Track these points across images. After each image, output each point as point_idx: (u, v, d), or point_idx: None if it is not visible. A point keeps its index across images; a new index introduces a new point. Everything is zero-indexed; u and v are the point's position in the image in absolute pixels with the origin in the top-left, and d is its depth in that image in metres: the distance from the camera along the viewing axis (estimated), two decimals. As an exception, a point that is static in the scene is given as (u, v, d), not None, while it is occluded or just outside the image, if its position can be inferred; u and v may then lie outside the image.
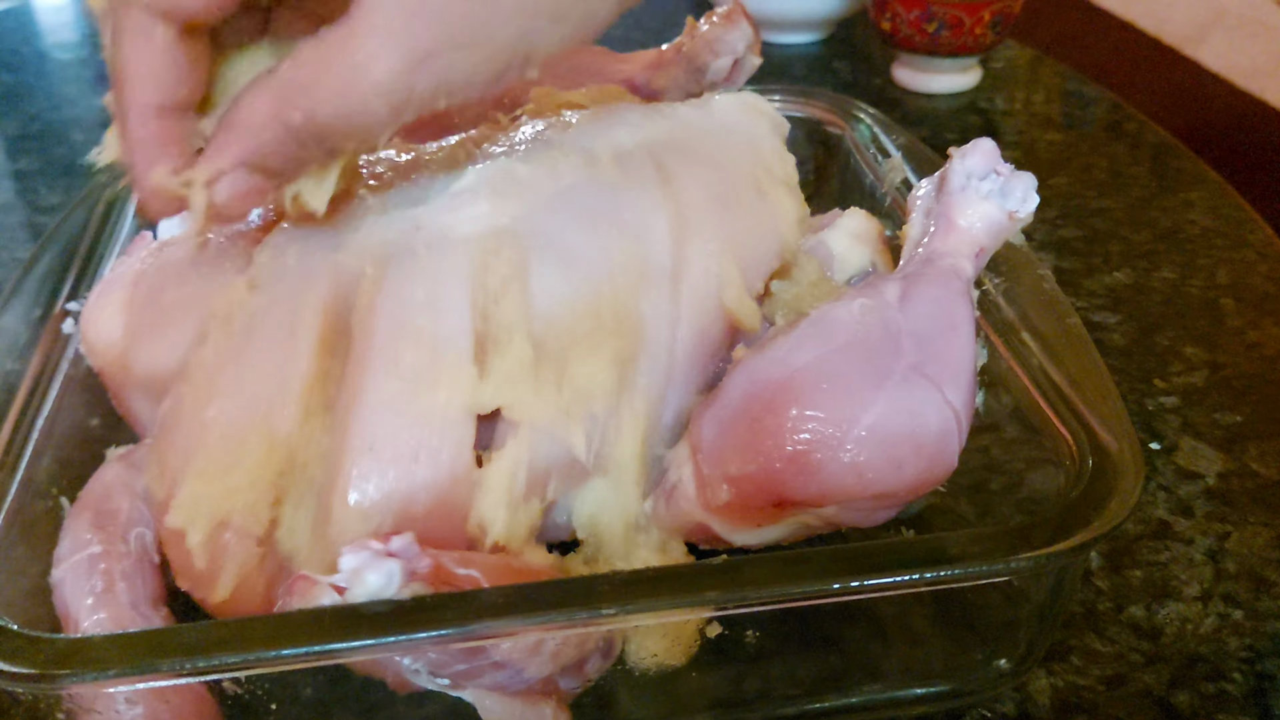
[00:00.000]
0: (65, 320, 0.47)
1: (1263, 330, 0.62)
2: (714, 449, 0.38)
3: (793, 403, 0.36)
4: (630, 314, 0.40)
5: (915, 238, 0.42)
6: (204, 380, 0.39)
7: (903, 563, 0.33)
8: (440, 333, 0.38)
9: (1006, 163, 0.41)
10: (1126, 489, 0.35)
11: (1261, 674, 0.42)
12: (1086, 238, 0.72)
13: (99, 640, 0.32)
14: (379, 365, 0.37)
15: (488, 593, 0.32)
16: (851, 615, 0.41)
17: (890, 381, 0.36)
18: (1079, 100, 0.93)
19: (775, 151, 0.48)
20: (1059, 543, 0.34)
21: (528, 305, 0.39)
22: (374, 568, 0.31)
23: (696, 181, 0.43)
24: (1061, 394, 0.40)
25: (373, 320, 0.38)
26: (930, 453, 0.36)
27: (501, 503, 0.37)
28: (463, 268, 0.39)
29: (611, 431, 0.39)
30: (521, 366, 0.37)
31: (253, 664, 0.31)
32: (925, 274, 0.39)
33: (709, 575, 0.33)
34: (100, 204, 0.55)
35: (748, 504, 0.37)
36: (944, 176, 0.42)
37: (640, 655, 0.37)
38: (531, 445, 0.37)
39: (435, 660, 0.33)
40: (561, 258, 0.40)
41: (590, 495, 0.39)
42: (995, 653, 0.40)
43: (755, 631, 0.39)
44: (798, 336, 0.38)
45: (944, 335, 0.38)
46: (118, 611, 0.37)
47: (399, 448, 0.36)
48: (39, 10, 1.20)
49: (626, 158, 0.43)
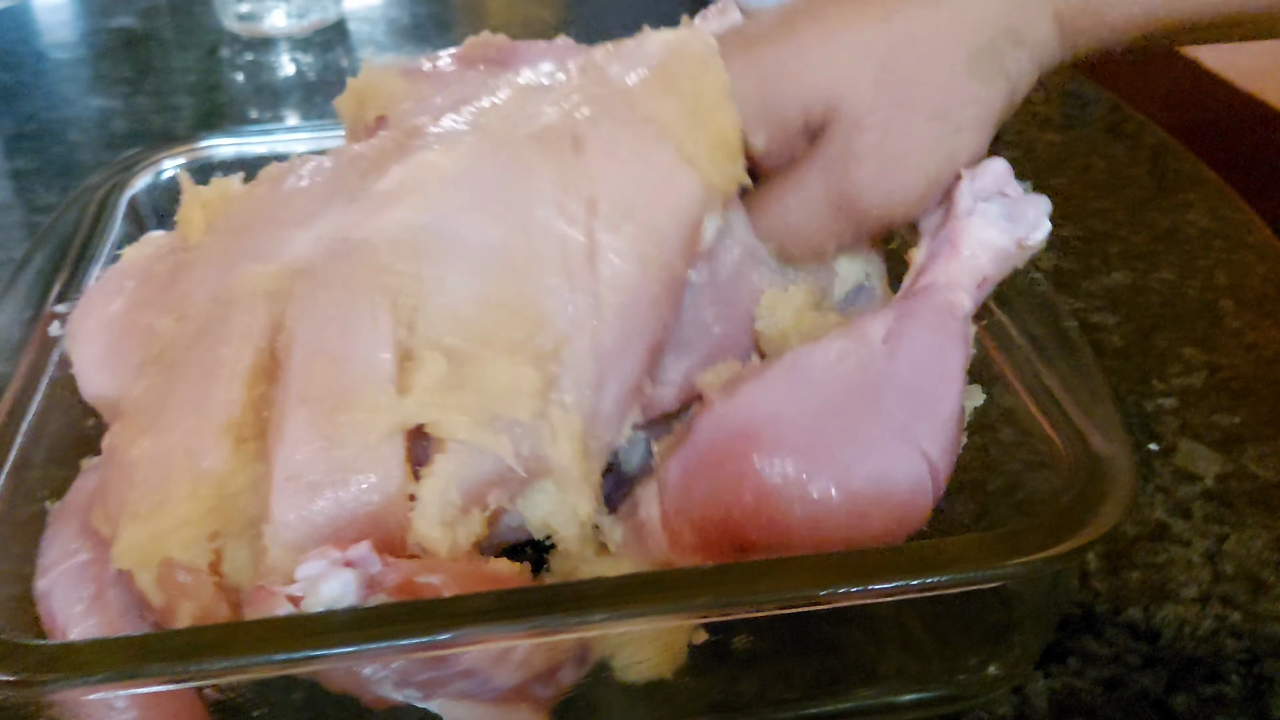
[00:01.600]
0: (53, 322, 0.47)
1: (1261, 332, 0.62)
2: (678, 491, 0.37)
3: (753, 451, 0.35)
4: (545, 307, 0.38)
5: (919, 264, 0.40)
6: (133, 417, 0.38)
7: (894, 569, 0.33)
8: (355, 351, 0.36)
9: (1020, 183, 0.39)
10: (1120, 494, 0.35)
11: (1260, 676, 0.42)
12: (1085, 238, 0.71)
13: (84, 645, 0.32)
14: (295, 388, 0.36)
15: (452, 600, 0.32)
16: (841, 620, 0.41)
17: (865, 439, 0.35)
18: (1078, 100, 0.93)
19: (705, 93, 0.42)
20: (1051, 549, 0.34)
21: (443, 313, 0.37)
22: (331, 577, 0.31)
23: (610, 148, 0.40)
24: (1054, 398, 0.39)
25: (291, 340, 0.37)
26: (898, 510, 0.35)
27: (436, 520, 0.36)
28: (374, 279, 0.37)
29: (543, 433, 0.37)
30: (438, 379, 0.36)
31: (237, 669, 0.31)
32: (918, 312, 0.37)
33: (695, 582, 0.33)
34: (92, 204, 0.55)
35: (710, 546, 0.37)
36: (951, 198, 0.40)
37: (626, 663, 0.37)
38: (459, 460, 0.36)
39: (401, 670, 0.32)
40: (473, 256, 0.38)
41: (539, 498, 0.38)
42: (988, 657, 0.40)
43: (743, 638, 0.39)
44: (768, 381, 0.37)
45: (930, 387, 0.36)
46: (109, 619, 0.37)
47: (320, 473, 0.35)
48: (37, 9, 1.20)
49: (544, 135, 0.41)
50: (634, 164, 0.41)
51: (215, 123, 0.93)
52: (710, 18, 0.54)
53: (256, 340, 0.38)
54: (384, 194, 0.40)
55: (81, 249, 0.52)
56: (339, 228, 0.40)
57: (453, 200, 0.39)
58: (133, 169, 0.60)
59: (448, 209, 0.39)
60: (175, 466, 0.36)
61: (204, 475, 0.36)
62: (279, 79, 1.00)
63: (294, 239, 0.40)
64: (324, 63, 1.02)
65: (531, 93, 0.44)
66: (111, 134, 0.90)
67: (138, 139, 0.89)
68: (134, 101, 0.96)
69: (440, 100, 0.51)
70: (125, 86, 0.99)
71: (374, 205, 0.40)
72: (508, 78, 0.46)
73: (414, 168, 0.41)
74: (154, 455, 0.36)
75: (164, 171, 0.61)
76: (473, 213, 0.39)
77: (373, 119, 0.53)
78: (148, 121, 0.92)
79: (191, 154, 0.62)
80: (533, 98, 0.44)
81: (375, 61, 0.52)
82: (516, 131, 0.42)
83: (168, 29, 1.14)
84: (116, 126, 0.92)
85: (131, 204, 0.58)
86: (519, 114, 0.43)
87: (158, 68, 1.04)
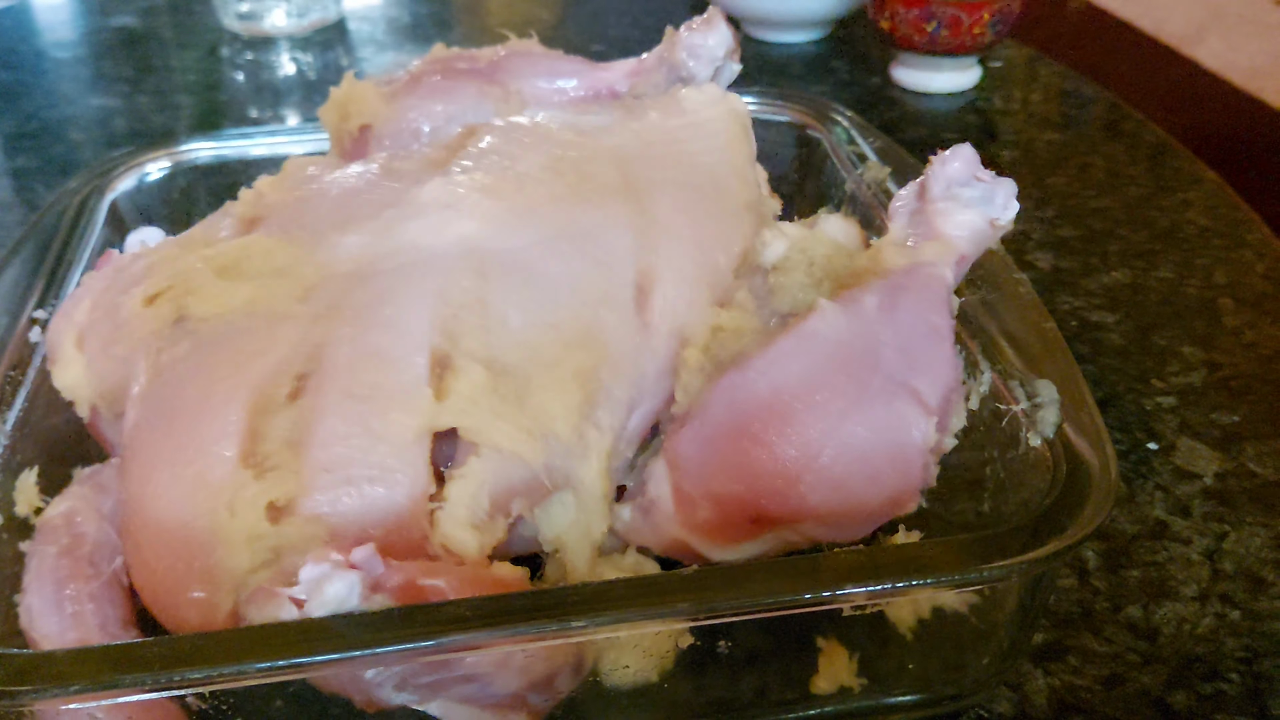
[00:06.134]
0: (33, 329, 0.47)
1: (1260, 330, 0.62)
2: (694, 467, 0.38)
3: (773, 420, 0.36)
4: (594, 331, 0.39)
5: (896, 245, 0.41)
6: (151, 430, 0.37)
7: (876, 572, 0.33)
8: (397, 353, 0.37)
9: (987, 169, 0.41)
10: (1100, 496, 0.35)
11: (1259, 674, 0.42)
12: (1084, 237, 0.72)
13: (61, 655, 0.31)
14: (337, 385, 0.37)
15: (455, 604, 0.32)
16: (827, 623, 0.41)
17: (869, 395, 0.36)
18: (1077, 100, 0.93)
19: (743, 155, 0.47)
20: (1030, 551, 0.34)
21: (489, 324, 0.38)
22: (334, 579, 0.31)
23: (662, 192, 0.43)
24: (1036, 401, 0.39)
25: (335, 340, 0.38)
26: (908, 465, 0.36)
27: (465, 522, 0.36)
28: (424, 285, 0.39)
29: (575, 449, 0.38)
30: (479, 388, 0.37)
31: (216, 679, 0.30)
32: (906, 284, 0.39)
33: (681, 586, 0.33)
34: (71, 209, 0.55)
35: (727, 521, 0.37)
36: (924, 184, 0.42)
37: (614, 668, 0.37)
38: (492, 465, 0.37)
39: (402, 673, 0.32)
40: (524, 274, 0.40)
41: (556, 511, 0.39)
42: (972, 658, 0.40)
43: (728, 642, 0.38)
44: (777, 352, 0.38)
45: (925, 344, 0.37)
46: (86, 634, 0.37)
47: (355, 469, 0.36)
48: (37, 8, 1.20)
49: (593, 169, 0.43)
50: (697, 214, 0.43)
51: (215, 122, 0.93)
52: (696, 27, 0.54)
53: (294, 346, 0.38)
54: (427, 205, 0.41)
55: (60, 253, 0.51)
56: (378, 233, 0.41)
57: (502, 220, 0.41)
58: (112, 172, 0.59)
59: (497, 228, 0.40)
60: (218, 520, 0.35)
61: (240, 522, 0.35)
62: (279, 78, 1.00)
63: (344, 243, 0.41)
64: (324, 62, 1.02)
65: (579, 123, 0.46)
66: (112, 133, 0.90)
67: (138, 138, 0.89)
68: (134, 101, 0.96)
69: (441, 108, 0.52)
70: (125, 86, 0.99)
71: (418, 215, 0.41)
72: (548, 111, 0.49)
73: (458, 183, 0.42)
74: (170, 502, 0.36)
75: (147, 174, 0.61)
76: (524, 234, 0.40)
77: (356, 129, 0.54)
78: (148, 121, 0.92)
79: (173, 157, 0.62)
80: (571, 128, 0.46)
81: (376, 61, 0.52)
82: (562, 161, 0.43)
83: (168, 28, 1.14)
84: (117, 125, 0.92)
85: (113, 207, 0.58)
86: (558, 143, 0.44)
87: (158, 67, 1.04)
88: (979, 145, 0.43)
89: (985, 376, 0.42)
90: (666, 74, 0.54)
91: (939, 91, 0.93)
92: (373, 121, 0.53)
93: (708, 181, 0.44)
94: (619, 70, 0.55)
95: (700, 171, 0.44)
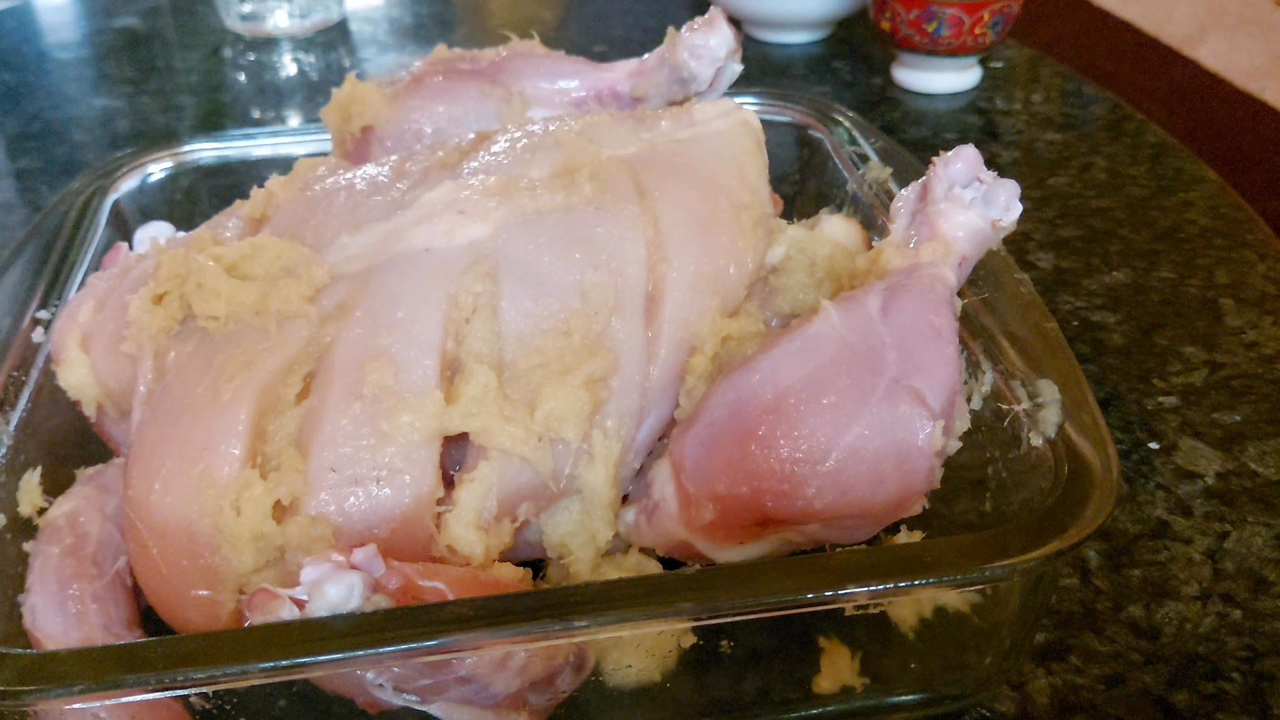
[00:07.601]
0: (35, 329, 0.47)
1: (1261, 330, 0.62)
2: (699, 469, 0.38)
3: (778, 422, 0.36)
4: (603, 338, 0.39)
5: (897, 246, 0.42)
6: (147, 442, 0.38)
7: (878, 572, 0.33)
8: (407, 355, 0.37)
9: (990, 170, 0.41)
10: (1102, 496, 0.35)
11: (1260, 673, 0.42)
12: (1086, 237, 0.72)
13: (65, 655, 0.31)
14: (346, 386, 0.37)
15: (458, 604, 0.32)
16: (830, 622, 0.41)
17: (873, 397, 0.36)
18: (1078, 100, 0.93)
19: (756, 168, 0.47)
20: (1032, 551, 0.34)
21: (499, 328, 0.38)
22: (335, 580, 0.31)
23: (675, 201, 0.43)
24: (1038, 402, 0.40)
25: (344, 340, 0.38)
26: (913, 468, 0.36)
27: (473, 524, 0.37)
28: (435, 288, 0.39)
29: (583, 456, 0.38)
30: (488, 392, 0.37)
31: (218, 679, 0.31)
32: (908, 285, 0.39)
33: (685, 586, 0.33)
34: (74, 210, 0.55)
35: (732, 523, 0.37)
36: (926, 184, 0.42)
37: (617, 667, 0.37)
38: (501, 468, 0.37)
39: (400, 675, 0.32)
40: (534, 279, 0.40)
41: (562, 517, 0.39)
42: (974, 657, 0.40)
43: (731, 641, 0.39)
44: (780, 354, 0.38)
45: (927, 345, 0.37)
46: (90, 633, 0.37)
47: (361, 469, 0.36)
48: (40, 10, 1.20)
49: (605, 175, 0.43)
50: (708, 224, 0.43)
51: (218, 123, 0.93)
52: (697, 28, 0.54)
53: (302, 345, 0.38)
54: (436, 205, 0.42)
55: (63, 253, 0.52)
56: (388, 233, 0.41)
57: (512, 224, 0.41)
58: (115, 173, 0.60)
59: (507, 232, 0.41)
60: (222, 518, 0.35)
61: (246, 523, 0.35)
62: (281, 79, 1.00)
63: (354, 244, 0.41)
64: (326, 63, 1.03)
65: (591, 131, 0.46)
66: (115, 133, 0.90)
67: (140, 139, 0.89)
68: (137, 101, 0.96)
69: (443, 108, 0.52)
70: (128, 86, 0.99)
71: (427, 215, 0.41)
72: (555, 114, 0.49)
73: (467, 186, 0.42)
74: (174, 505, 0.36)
75: (150, 175, 0.61)
76: (535, 239, 0.41)
77: (358, 130, 0.54)
78: (150, 121, 0.92)
79: (176, 157, 0.62)
80: (582, 134, 0.46)
81: (378, 62, 0.52)
82: (573, 166, 0.43)
83: (170, 29, 1.14)
84: (120, 126, 0.92)
85: (116, 208, 0.58)
86: (569, 148, 0.45)
87: (160, 68, 1.04)
88: (980, 145, 0.43)
89: (987, 376, 0.42)
90: (668, 75, 0.54)
91: (940, 92, 0.93)
92: (375, 122, 0.54)
93: (720, 193, 0.44)
94: (621, 71, 0.56)
95: (712, 183, 0.45)
